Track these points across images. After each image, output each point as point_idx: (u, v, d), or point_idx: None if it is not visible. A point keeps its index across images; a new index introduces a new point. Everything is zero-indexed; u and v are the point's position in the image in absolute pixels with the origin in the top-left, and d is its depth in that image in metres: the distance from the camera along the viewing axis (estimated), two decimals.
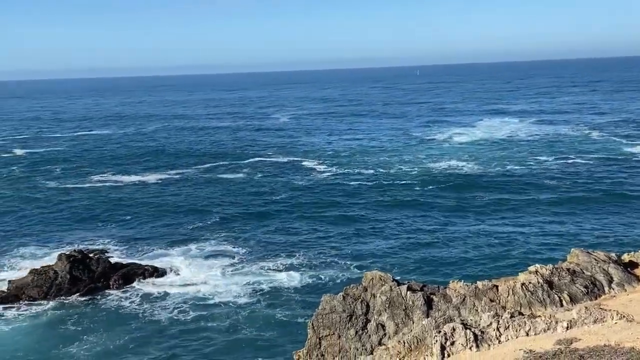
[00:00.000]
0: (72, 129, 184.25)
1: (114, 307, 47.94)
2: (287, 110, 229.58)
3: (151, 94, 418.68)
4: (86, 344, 41.18)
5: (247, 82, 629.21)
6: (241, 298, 48.46)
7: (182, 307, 47.09)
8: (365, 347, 19.84)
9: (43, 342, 41.74)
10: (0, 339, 42.45)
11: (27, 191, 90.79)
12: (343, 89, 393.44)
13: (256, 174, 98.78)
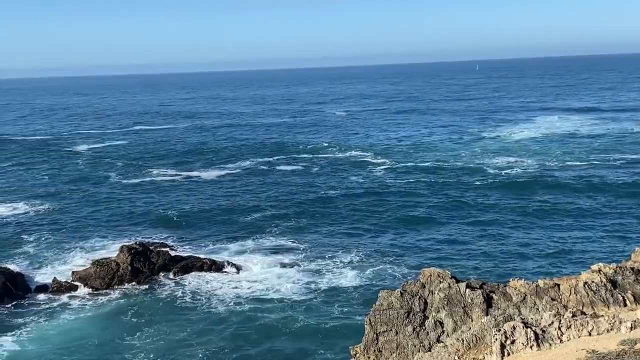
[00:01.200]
0: (132, 124, 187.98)
1: (173, 298, 48.73)
2: (342, 106, 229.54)
3: (198, 91, 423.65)
4: (146, 334, 42.02)
5: (300, 78, 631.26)
6: (297, 293, 48.57)
7: (239, 301, 47.51)
8: (423, 344, 19.77)
9: (106, 331, 42.78)
10: (65, 328, 43.68)
11: (89, 185, 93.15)
12: (398, 84, 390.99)
13: (312, 170, 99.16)
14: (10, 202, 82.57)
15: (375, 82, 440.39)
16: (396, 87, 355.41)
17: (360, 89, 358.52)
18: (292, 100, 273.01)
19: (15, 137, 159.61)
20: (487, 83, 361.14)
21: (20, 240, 64.57)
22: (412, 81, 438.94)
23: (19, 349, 40.36)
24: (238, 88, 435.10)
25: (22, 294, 50.06)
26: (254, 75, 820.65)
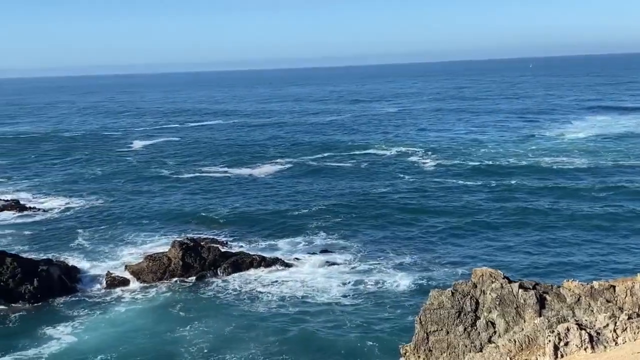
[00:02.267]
0: (183, 121, 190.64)
1: (221, 294, 49.23)
2: (390, 103, 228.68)
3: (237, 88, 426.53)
4: (195, 329, 42.52)
5: (356, 75, 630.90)
6: (346, 294, 48.26)
7: (286, 299, 47.55)
8: (474, 344, 19.62)
9: (156, 324, 43.52)
10: (118, 320, 44.60)
11: (141, 181, 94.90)
12: (449, 82, 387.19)
13: (360, 167, 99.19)
14: (66, 196, 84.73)
15: (426, 80, 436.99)
16: (446, 85, 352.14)
17: (409, 86, 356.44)
18: (339, 98, 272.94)
19: (69, 134, 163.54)
20: (538, 81, 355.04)
21: (75, 234, 66.19)
22: (463, 79, 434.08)
23: (75, 340, 41.42)
24: (276, 86, 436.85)
25: (77, 287, 51.28)
26: (288, 74, 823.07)
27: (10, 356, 39.27)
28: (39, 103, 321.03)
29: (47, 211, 77.16)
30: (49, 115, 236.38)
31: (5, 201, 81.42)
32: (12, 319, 45.64)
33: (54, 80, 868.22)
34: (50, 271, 50.61)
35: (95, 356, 38.84)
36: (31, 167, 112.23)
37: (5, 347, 40.52)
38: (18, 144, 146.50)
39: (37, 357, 39.13)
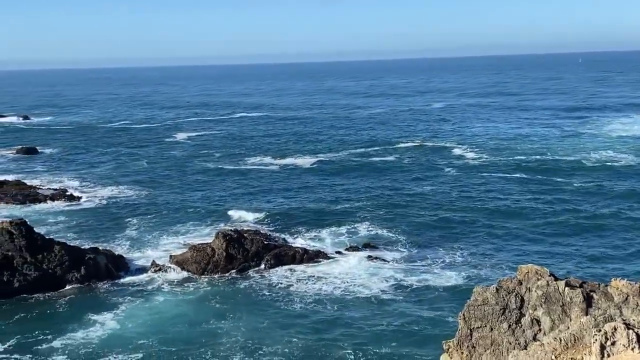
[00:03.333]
0: (230, 112, 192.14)
1: (262, 287, 49.32)
2: (439, 98, 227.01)
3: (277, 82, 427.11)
4: (233, 322, 42.68)
5: (399, 68, 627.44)
6: (388, 290, 47.83)
7: (327, 293, 47.32)
8: (518, 342, 19.44)
9: (195, 316, 43.89)
10: (160, 309, 45.25)
11: (186, 172, 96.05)
12: (494, 76, 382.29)
13: (404, 161, 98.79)
14: (113, 186, 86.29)
15: (471, 74, 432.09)
16: (491, 80, 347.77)
17: (452, 81, 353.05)
18: (382, 92, 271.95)
19: (117, 125, 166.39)
20: (587, 76, 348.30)
21: (122, 223, 67.33)
22: (508, 73, 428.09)
23: (118, 326, 42.25)
24: (317, 79, 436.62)
25: (122, 275, 52.18)
26: (329, 67, 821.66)
27: (60, 340, 40.26)
28: (87, 94, 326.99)
29: (94, 200, 78.69)
30: (97, 106, 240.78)
31: (54, 190, 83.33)
32: (61, 304, 46.73)
33: (101, 72, 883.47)
34: (97, 259, 51.60)
35: (136, 342, 39.51)
36: (80, 157, 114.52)
37: (55, 330, 41.61)
38: (68, 134, 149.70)
39: (85, 341, 40.03)
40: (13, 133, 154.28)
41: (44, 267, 49.84)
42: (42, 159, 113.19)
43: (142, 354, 38.06)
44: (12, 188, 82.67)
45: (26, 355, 38.62)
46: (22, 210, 72.83)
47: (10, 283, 48.25)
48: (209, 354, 37.95)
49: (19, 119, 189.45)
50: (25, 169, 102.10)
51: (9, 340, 40.37)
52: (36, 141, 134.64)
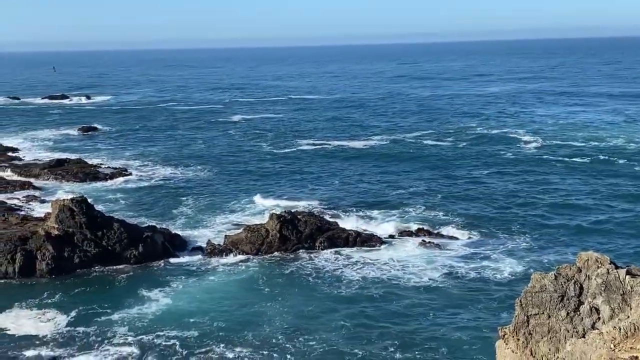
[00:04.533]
0: (283, 94, 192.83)
1: (314, 269, 49.36)
2: (493, 82, 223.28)
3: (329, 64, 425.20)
4: (282, 303, 42.83)
5: (443, 52, 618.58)
6: (442, 276, 47.25)
7: (377, 280, 46.82)
8: (576, 330, 19.03)
9: (245, 297, 44.27)
10: (211, 289, 45.84)
11: (242, 153, 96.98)
12: (550, 60, 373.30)
13: (459, 145, 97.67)
14: (170, 166, 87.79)
15: (525, 58, 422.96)
16: (546, 64, 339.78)
17: (507, 64, 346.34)
18: (434, 76, 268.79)
19: (175, 106, 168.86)
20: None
21: (178, 202, 68.44)
22: (564, 57, 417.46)
23: (170, 303, 43.13)
24: (370, 62, 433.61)
25: (179, 254, 53.05)
26: (380, 50, 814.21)
27: (118, 314, 41.38)
28: (146, 75, 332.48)
29: (152, 179, 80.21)
30: (156, 87, 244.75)
31: (113, 168, 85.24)
32: (119, 280, 47.91)
33: (156, 53, 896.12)
34: (154, 238, 52.57)
35: (187, 320, 40.20)
36: (139, 136, 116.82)
37: (113, 304, 42.77)
38: (127, 114, 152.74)
39: (140, 316, 41.03)
40: (76, 113, 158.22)
41: (103, 244, 51.05)
42: (103, 138, 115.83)
43: (192, 332, 38.70)
44: (73, 166, 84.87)
45: (88, 327, 39.82)
46: (83, 188, 74.68)
47: (71, 259, 49.64)
48: (251, 336, 38.08)
49: (82, 99, 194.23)
50: (86, 147, 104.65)
51: (71, 313, 41.70)
52: (97, 120, 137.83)
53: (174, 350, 36.62)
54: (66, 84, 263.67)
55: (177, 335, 38.33)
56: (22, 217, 57.67)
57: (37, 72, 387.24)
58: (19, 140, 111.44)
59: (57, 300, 43.97)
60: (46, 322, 40.56)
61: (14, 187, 75.69)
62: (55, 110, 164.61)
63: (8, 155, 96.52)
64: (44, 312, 41.96)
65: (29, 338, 38.50)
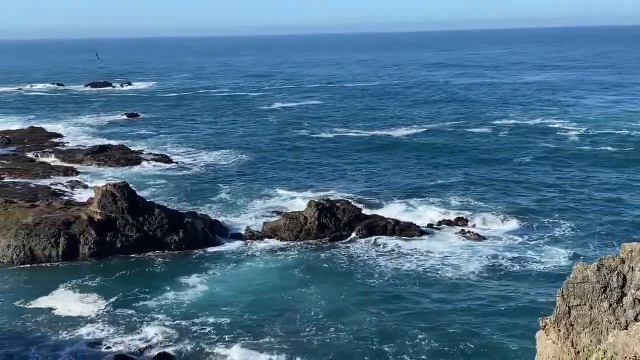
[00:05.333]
0: (324, 82, 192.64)
1: (351, 258, 49.32)
2: (537, 70, 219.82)
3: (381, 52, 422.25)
4: (317, 292, 42.89)
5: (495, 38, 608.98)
6: (482, 266, 46.78)
7: (414, 270, 46.51)
8: (619, 322, 18.74)
9: (283, 284, 44.48)
10: (247, 276, 46.20)
11: (281, 141, 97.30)
12: (596, 47, 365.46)
13: (500, 134, 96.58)
14: (211, 152, 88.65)
15: (568, 46, 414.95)
16: (592, 51, 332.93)
17: (552, 51, 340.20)
18: (476, 64, 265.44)
19: (216, 93, 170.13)
20: None
21: (218, 189, 69.01)
22: (611, 45, 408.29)
23: (207, 289, 43.56)
24: (411, 50, 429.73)
25: (218, 241, 53.51)
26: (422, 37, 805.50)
27: (155, 299, 42.02)
28: (186, 63, 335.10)
29: (192, 166, 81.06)
30: (197, 74, 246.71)
31: (155, 155, 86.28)
32: (159, 265, 48.59)
33: (204, 41, 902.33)
34: (194, 224, 53.10)
35: (222, 308, 40.51)
36: (180, 123, 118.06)
37: (151, 290, 43.48)
38: (168, 101, 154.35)
39: (176, 302, 41.56)
40: (119, 99, 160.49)
41: (145, 230, 51.76)
42: (144, 124, 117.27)
43: (225, 319, 38.99)
44: (116, 153, 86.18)
45: (128, 310, 40.62)
46: (125, 174, 75.80)
47: (113, 243, 50.48)
48: (282, 325, 38.14)
49: (124, 86, 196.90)
50: (129, 134, 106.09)
51: (113, 297, 42.52)
52: (140, 107, 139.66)
53: (208, 337, 36.92)
54: (108, 71, 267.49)
55: (211, 322, 38.66)
56: (66, 202, 58.78)
57: (80, 60, 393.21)
58: (64, 127, 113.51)
59: (99, 283, 44.88)
60: (89, 304, 41.45)
61: (58, 172, 77.20)
62: (98, 97, 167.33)
63: (52, 141, 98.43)
64: (87, 295, 42.89)
65: (73, 319, 39.44)
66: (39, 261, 48.75)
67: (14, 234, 49.84)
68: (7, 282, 45.17)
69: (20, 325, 38.61)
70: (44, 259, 48.95)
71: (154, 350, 35.51)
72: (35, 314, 40.26)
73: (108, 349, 35.74)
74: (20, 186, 69.57)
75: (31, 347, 36.02)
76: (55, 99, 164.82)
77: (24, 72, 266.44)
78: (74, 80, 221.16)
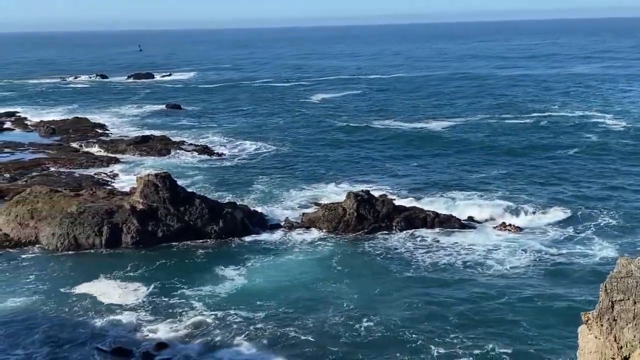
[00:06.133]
0: (369, 72, 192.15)
1: (388, 250, 49.10)
2: (579, 61, 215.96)
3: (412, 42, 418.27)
4: (352, 285, 42.77)
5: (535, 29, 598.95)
6: (524, 259, 46.20)
7: (453, 265, 46.09)
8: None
9: (319, 276, 44.44)
10: (285, 267, 46.30)
11: (319, 132, 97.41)
12: None
13: (541, 124, 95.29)
14: (251, 143, 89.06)
15: (612, 37, 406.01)
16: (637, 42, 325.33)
17: (594, 43, 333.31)
18: (519, 55, 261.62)
19: (258, 84, 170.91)
20: None
21: (256, 180, 69.34)
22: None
23: (244, 282, 43.78)
24: (456, 41, 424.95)
25: (257, 231, 53.80)
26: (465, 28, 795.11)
27: (191, 290, 42.40)
28: (227, 54, 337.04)
29: (232, 156, 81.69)
30: (237, 64, 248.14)
31: (195, 146, 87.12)
32: (197, 255, 49.05)
33: (244, 33, 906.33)
34: (234, 214, 53.50)
35: (258, 300, 40.54)
36: (220, 114, 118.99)
37: (188, 280, 43.90)
38: (209, 92, 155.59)
39: (211, 294, 41.82)
40: (161, 90, 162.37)
41: (185, 219, 52.35)
42: (186, 115, 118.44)
43: (260, 310, 39.15)
44: (157, 143, 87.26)
45: (167, 299, 41.16)
46: (166, 163, 76.70)
47: (154, 232, 51.19)
48: (316, 318, 37.99)
49: (166, 77, 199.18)
50: (170, 124, 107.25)
51: (151, 285, 43.17)
52: (181, 98, 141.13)
53: (241, 329, 36.98)
54: (150, 62, 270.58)
55: (245, 313, 38.78)
56: (109, 191, 59.76)
57: (123, 51, 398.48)
58: (107, 117, 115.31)
59: (140, 271, 45.59)
60: (130, 292, 42.21)
61: (102, 162, 78.56)
62: (140, 88, 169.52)
63: (96, 131, 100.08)
64: (128, 282, 43.66)
65: (115, 305, 40.25)
66: (82, 249, 49.71)
67: (58, 222, 50.88)
68: (53, 269, 46.20)
69: (65, 310, 39.54)
70: (87, 246, 49.91)
71: (194, 339, 35.98)
72: (78, 299, 41.16)
73: (146, 336, 36.31)
74: (64, 175, 71.00)
75: (75, 330, 36.92)
76: (98, 89, 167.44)
77: (68, 64, 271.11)
78: (117, 71, 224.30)
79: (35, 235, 51.43)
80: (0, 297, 41.42)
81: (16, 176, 70.42)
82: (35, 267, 46.63)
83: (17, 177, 69.93)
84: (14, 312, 39.28)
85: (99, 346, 34.94)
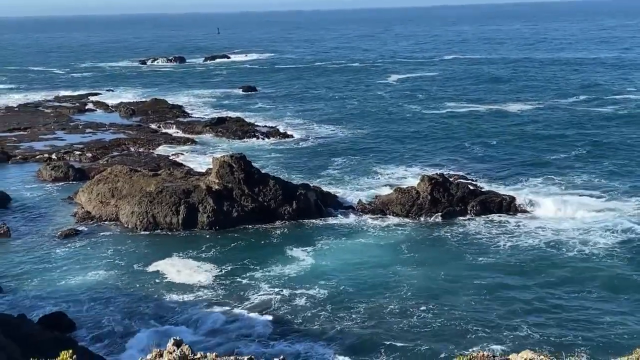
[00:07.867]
0: (445, 53, 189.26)
1: (461, 235, 48.07)
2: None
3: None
4: (420, 269, 42.06)
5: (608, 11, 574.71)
6: (610, 244, 44.32)
7: (532, 246, 44.85)
8: None
9: (389, 259, 43.90)
10: (355, 249, 46.02)
11: (390, 114, 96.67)
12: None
13: (621, 111, 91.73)
14: (324, 125, 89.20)
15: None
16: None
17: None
18: (592, 37, 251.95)
19: (332, 65, 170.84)
20: None
21: (329, 162, 69.32)
22: None
23: (313, 263, 43.82)
24: (534, 22, 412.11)
25: (330, 212, 53.82)
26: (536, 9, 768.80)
27: (260, 271, 42.67)
28: (302, 35, 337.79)
29: (305, 138, 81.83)
30: (313, 46, 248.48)
31: (270, 127, 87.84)
32: (269, 236, 49.30)
33: (320, 14, 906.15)
34: (307, 195, 53.58)
35: (325, 282, 40.46)
36: (295, 95, 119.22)
37: (260, 261, 44.17)
38: (284, 73, 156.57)
39: (281, 274, 42.05)
40: (237, 72, 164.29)
41: (260, 200, 52.80)
42: (261, 97, 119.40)
43: (325, 292, 39.04)
44: (233, 124, 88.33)
45: (235, 279, 41.64)
46: (241, 145, 77.63)
47: (229, 213, 51.82)
48: (377, 302, 37.51)
49: (242, 58, 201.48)
50: (246, 106, 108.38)
51: (224, 266, 43.68)
52: (257, 80, 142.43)
53: (306, 309, 37.09)
54: (227, 45, 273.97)
55: (309, 294, 38.80)
56: (186, 172, 60.87)
57: (200, 34, 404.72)
58: (185, 99, 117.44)
59: (213, 252, 46.09)
60: (202, 271, 42.86)
61: (179, 142, 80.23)
62: (217, 69, 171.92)
63: (174, 112, 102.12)
64: (201, 262, 44.35)
65: (187, 284, 41.05)
66: (160, 227, 50.85)
67: (137, 201, 52.19)
68: (130, 246, 47.50)
69: (138, 287, 40.66)
70: (165, 225, 50.95)
71: (260, 316, 36.38)
72: (152, 276, 42.20)
73: (214, 312, 36.98)
74: (143, 155, 72.84)
75: (148, 305, 38.05)
76: (176, 72, 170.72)
77: (146, 47, 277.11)
78: (194, 53, 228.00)
79: (116, 214, 52.94)
80: (81, 270, 43.14)
81: (98, 156, 72.79)
82: (113, 243, 48.09)
83: (98, 157, 72.30)
84: (93, 285, 40.78)
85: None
